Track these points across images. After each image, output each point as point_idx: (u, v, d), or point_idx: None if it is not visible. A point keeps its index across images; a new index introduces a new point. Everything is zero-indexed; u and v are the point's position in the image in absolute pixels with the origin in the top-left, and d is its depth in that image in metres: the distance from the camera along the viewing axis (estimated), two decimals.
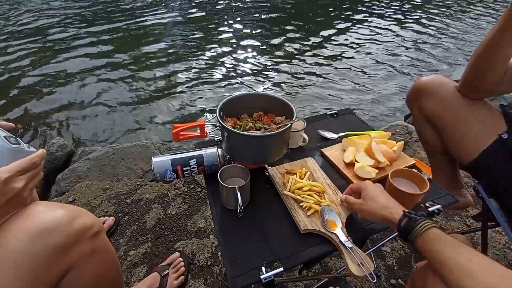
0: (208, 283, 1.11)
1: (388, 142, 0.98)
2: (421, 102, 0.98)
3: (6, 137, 0.56)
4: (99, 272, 0.67)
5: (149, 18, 5.03)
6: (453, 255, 0.49)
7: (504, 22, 0.72)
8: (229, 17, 5.16)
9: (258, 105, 0.99)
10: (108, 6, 5.60)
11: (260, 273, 0.66)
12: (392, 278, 1.11)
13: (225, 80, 3.29)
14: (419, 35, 4.32)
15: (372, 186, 0.71)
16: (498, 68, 0.79)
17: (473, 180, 1.50)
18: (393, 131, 1.89)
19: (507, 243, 1.23)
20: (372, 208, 0.67)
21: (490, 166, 0.85)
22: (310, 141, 1.05)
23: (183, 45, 4.09)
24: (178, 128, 0.88)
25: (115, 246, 1.24)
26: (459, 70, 3.29)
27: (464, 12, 5.30)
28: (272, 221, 0.79)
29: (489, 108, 0.88)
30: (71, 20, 4.91)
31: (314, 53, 3.82)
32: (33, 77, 3.30)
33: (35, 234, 0.53)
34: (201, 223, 1.34)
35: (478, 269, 0.46)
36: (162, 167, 0.88)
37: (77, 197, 1.49)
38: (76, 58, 3.69)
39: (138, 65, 3.57)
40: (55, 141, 1.93)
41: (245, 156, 0.87)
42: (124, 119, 2.72)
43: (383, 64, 3.55)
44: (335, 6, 5.66)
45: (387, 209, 0.64)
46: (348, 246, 0.67)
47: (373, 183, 0.73)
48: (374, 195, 0.68)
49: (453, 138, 0.92)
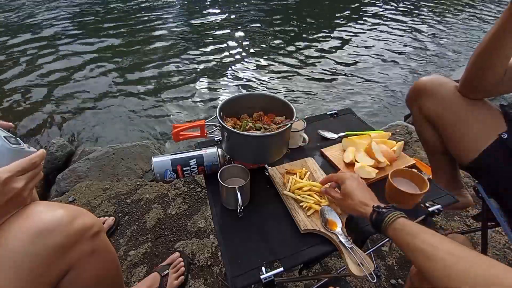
0: (208, 283, 1.11)
1: (388, 142, 0.98)
2: (421, 102, 0.98)
3: (6, 137, 0.56)
4: (99, 272, 0.67)
5: (150, 18, 5.03)
6: (417, 242, 0.51)
7: (503, 22, 0.72)
8: (229, 17, 5.16)
9: (258, 105, 0.99)
10: (108, 6, 5.60)
11: (260, 273, 0.66)
12: (392, 278, 1.11)
13: (225, 80, 3.29)
14: (419, 35, 4.32)
15: (349, 180, 0.72)
16: (498, 67, 0.79)
17: (473, 180, 1.50)
18: (393, 131, 1.89)
19: (507, 243, 1.23)
20: (349, 204, 0.70)
21: (490, 166, 0.85)
22: (310, 141, 1.05)
23: (183, 45, 4.09)
24: (178, 128, 0.88)
25: (115, 246, 1.24)
26: (459, 70, 3.28)
27: (464, 12, 5.30)
28: (272, 221, 0.79)
29: (489, 108, 0.88)
30: (72, 18, 4.91)
31: (314, 53, 3.82)
32: (33, 77, 3.29)
33: (35, 234, 0.53)
34: (201, 223, 1.34)
35: (439, 252, 0.48)
36: (162, 167, 0.87)
37: (77, 197, 1.49)
38: (76, 58, 3.68)
39: (138, 65, 3.57)
40: (55, 141, 1.93)
41: (245, 156, 0.87)
42: (124, 119, 2.72)
43: (383, 64, 3.56)
44: (336, 6, 5.66)
45: (362, 205, 0.67)
46: (348, 246, 0.67)
47: (352, 175, 0.75)
48: (351, 191, 0.70)
49: (453, 138, 0.92)
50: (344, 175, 0.75)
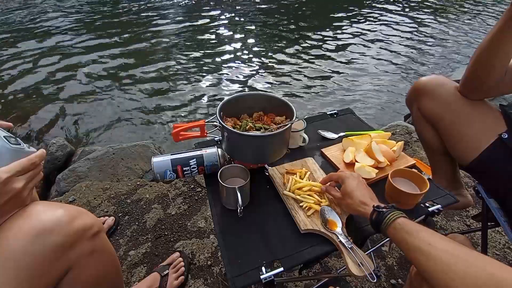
0: (208, 283, 1.11)
1: (388, 142, 0.98)
2: (421, 102, 0.98)
3: (6, 137, 0.56)
4: (99, 272, 0.67)
5: (150, 19, 5.03)
6: (415, 241, 0.51)
7: (504, 22, 0.72)
8: (230, 17, 5.16)
9: (258, 105, 0.99)
10: (110, 6, 5.60)
11: (260, 273, 0.66)
12: (392, 278, 1.11)
13: (225, 80, 3.29)
14: (419, 35, 4.32)
15: (349, 180, 0.72)
16: (498, 68, 0.79)
17: (473, 180, 1.50)
18: (393, 131, 1.89)
19: (507, 243, 1.23)
20: (349, 204, 0.70)
21: (490, 166, 0.85)
22: (310, 141, 1.05)
23: (183, 45, 4.09)
24: (178, 128, 0.88)
25: (115, 246, 1.24)
26: (459, 70, 3.29)
27: (465, 13, 5.30)
28: (272, 221, 0.79)
29: (489, 108, 0.88)
30: (72, 20, 4.91)
31: (314, 53, 3.82)
32: (33, 77, 3.30)
33: (35, 234, 0.53)
34: (201, 223, 1.34)
35: (437, 252, 0.48)
36: (162, 167, 0.87)
37: (77, 197, 1.49)
38: (76, 58, 3.68)
39: (138, 65, 3.57)
40: (55, 141, 1.93)
41: (245, 156, 0.87)
42: (124, 119, 2.72)
43: (383, 64, 3.56)
44: (336, 6, 5.66)
45: (362, 205, 0.66)
46: (348, 246, 0.67)
47: (352, 174, 0.74)
48: (350, 191, 0.70)
49: (453, 138, 0.92)
50: (344, 174, 0.75)
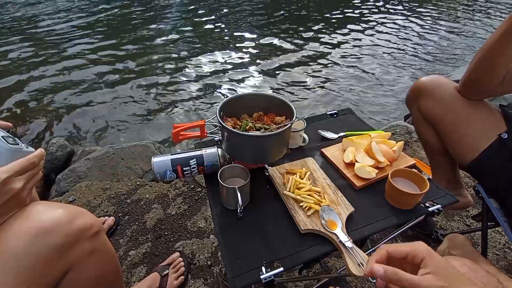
0: (208, 283, 1.11)
1: (388, 142, 0.98)
2: (421, 103, 0.98)
3: (4, 137, 0.56)
4: (98, 272, 0.67)
5: (150, 19, 5.03)
6: None
7: (507, 26, 0.72)
8: (230, 17, 5.16)
9: (258, 105, 0.98)
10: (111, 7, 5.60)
11: (260, 273, 0.66)
12: None
13: (225, 80, 3.29)
14: (419, 35, 4.32)
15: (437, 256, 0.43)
16: (500, 71, 0.79)
17: (473, 180, 1.50)
18: (393, 131, 1.89)
19: (507, 243, 1.23)
20: None
21: (490, 166, 0.85)
22: (310, 141, 1.05)
23: (184, 46, 4.09)
24: (178, 128, 0.88)
25: (115, 246, 1.24)
26: (459, 70, 3.28)
27: (465, 13, 5.30)
28: (272, 221, 0.79)
29: (488, 109, 0.88)
30: (75, 20, 4.90)
31: (314, 53, 3.82)
32: (33, 77, 3.30)
33: (35, 234, 0.53)
34: (201, 223, 1.34)
35: None
36: (162, 167, 0.87)
37: (77, 197, 1.49)
38: (77, 59, 3.69)
39: (138, 65, 3.57)
40: (55, 141, 1.93)
41: (245, 156, 0.87)
42: (124, 119, 2.72)
43: (383, 64, 3.56)
44: (336, 5, 5.66)
45: None
46: (348, 246, 0.67)
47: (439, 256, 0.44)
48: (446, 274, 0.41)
49: (452, 139, 0.92)
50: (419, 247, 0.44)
